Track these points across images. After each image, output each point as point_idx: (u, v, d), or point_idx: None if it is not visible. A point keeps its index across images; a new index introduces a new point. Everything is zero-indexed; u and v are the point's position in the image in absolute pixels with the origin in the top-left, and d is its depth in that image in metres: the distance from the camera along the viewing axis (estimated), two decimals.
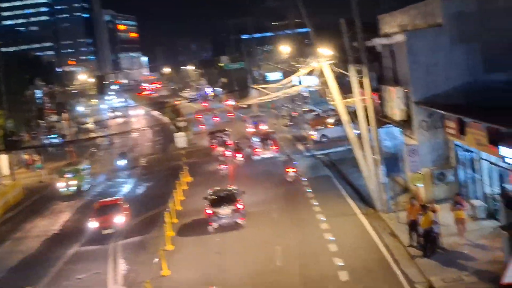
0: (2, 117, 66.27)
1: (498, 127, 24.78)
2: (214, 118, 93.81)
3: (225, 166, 53.54)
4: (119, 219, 38.68)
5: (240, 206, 36.10)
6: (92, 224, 38.35)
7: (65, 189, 54.36)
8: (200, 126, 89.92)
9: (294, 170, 46.96)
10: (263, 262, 28.98)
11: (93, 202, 44.75)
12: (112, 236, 37.51)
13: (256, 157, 58.10)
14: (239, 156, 57.17)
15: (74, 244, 37.46)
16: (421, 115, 33.68)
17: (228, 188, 39.04)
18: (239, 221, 35.98)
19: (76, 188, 54.50)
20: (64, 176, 54.97)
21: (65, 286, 30.29)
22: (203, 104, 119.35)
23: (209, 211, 36.07)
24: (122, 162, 65.61)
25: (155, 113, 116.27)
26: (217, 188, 39.48)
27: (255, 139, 60.21)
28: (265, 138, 59.38)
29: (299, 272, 27.05)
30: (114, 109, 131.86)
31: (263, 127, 68.63)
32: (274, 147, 58.22)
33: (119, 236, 37.48)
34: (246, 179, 49.25)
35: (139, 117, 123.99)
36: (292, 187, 44.08)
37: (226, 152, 58.80)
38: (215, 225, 35.87)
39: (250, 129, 69.37)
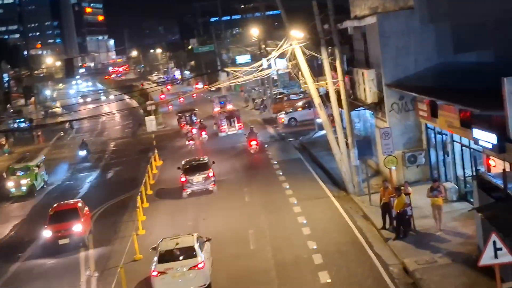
0: None
1: (471, 109, 24.88)
2: (180, 100, 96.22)
3: (193, 142, 58.14)
4: (78, 227, 32.67)
5: (211, 174, 39.93)
6: (46, 233, 32.74)
7: (15, 189, 47.26)
8: (168, 107, 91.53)
9: (256, 142, 51.35)
10: (237, 246, 28.89)
11: (49, 203, 39.65)
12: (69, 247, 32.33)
13: (222, 134, 62.71)
14: (204, 134, 61.14)
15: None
16: (393, 97, 33.77)
17: (200, 158, 43.02)
18: (210, 187, 39.63)
19: (28, 187, 47.18)
20: (15, 174, 47.82)
21: (36, 273, 29.95)
22: (167, 87, 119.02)
23: (183, 179, 39.80)
24: (83, 153, 60.28)
25: (125, 97, 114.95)
26: (190, 158, 43.32)
27: (221, 117, 63.90)
28: (230, 116, 63.82)
29: (272, 255, 27.02)
30: (83, 96, 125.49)
31: (230, 106, 71.83)
32: (238, 124, 63.11)
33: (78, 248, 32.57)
34: (214, 153, 51.76)
35: (110, 102, 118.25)
36: (263, 171, 43.99)
37: (193, 130, 62.36)
38: (188, 191, 39.49)
39: (217, 108, 72.17)
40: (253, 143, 51.24)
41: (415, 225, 27.24)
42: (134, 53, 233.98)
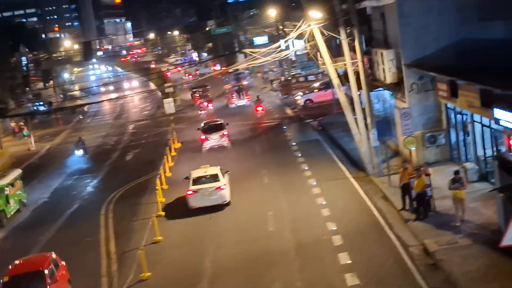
0: None
1: (491, 89, 24.63)
2: (189, 77, 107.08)
3: (204, 111, 68.02)
4: None
5: (225, 133, 48.50)
6: None
7: None
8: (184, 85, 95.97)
9: (262, 107, 61.85)
10: (256, 228, 28.90)
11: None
12: None
13: (232, 105, 70.52)
14: (210, 105, 71.61)
15: None
16: (412, 77, 33.47)
17: (216, 120, 52.08)
18: (225, 143, 47.98)
19: None
20: None
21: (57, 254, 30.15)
22: (177, 69, 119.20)
23: (203, 137, 48.35)
24: (79, 152, 54.47)
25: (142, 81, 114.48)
26: (207, 120, 52.73)
27: (231, 91, 72.07)
28: (239, 90, 71.90)
29: (292, 237, 26.99)
30: (105, 84, 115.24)
31: (245, 83, 78.28)
32: (247, 97, 70.92)
33: None
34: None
35: (133, 89, 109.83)
36: (282, 152, 43.92)
37: (204, 103, 71.90)
38: (207, 146, 47.91)
39: (229, 84, 78.34)
40: (259, 108, 61.83)
41: (435, 206, 27.10)
42: (152, 35, 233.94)
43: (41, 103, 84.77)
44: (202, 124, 50.54)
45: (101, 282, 25.58)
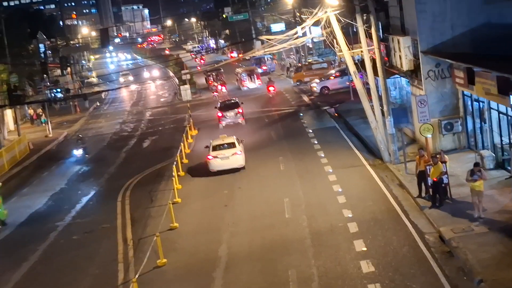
0: (5, 71, 65.92)
1: (508, 76, 24.50)
2: (201, 61, 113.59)
3: (217, 93, 71.82)
4: None
5: (240, 111, 52.26)
6: None
7: None
8: (197, 68, 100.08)
9: (274, 88, 66.68)
10: (272, 215, 28.94)
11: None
12: None
13: (244, 88, 74.40)
14: (224, 88, 74.87)
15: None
16: (429, 64, 33.36)
17: (232, 99, 56.69)
18: (240, 121, 52.00)
19: None
20: None
21: (74, 240, 30.41)
22: (201, 61, 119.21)
23: (219, 114, 52.33)
24: (78, 153, 49.72)
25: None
26: (224, 99, 57.94)
27: (243, 74, 75.84)
28: (251, 73, 75.77)
29: (308, 224, 27.02)
30: (124, 74, 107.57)
31: (265, 67, 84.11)
32: (258, 80, 74.46)
33: None
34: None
35: (155, 78, 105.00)
36: (298, 140, 43.90)
37: (218, 86, 75.44)
38: (223, 123, 51.74)
39: (241, 68, 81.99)
40: (271, 88, 66.73)
41: (451, 193, 27.06)
42: (169, 22, 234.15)
43: (59, 90, 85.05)
44: (219, 103, 55.00)
45: (118, 268, 25.72)
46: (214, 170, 37.34)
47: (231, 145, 38.14)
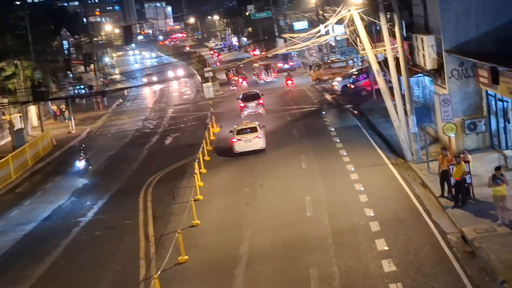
0: (29, 68, 66.40)
1: None
2: (218, 57, 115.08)
3: (236, 87, 74.38)
4: None
5: (261, 101, 56.18)
6: None
7: None
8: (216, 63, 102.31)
9: (292, 81, 70.68)
10: (293, 213, 28.93)
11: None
12: None
13: (261, 81, 78.56)
14: (244, 82, 78.37)
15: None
16: (452, 63, 33.16)
17: (253, 90, 60.54)
18: (261, 111, 55.58)
19: None
20: None
21: (96, 236, 30.60)
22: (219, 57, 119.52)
23: (242, 104, 56.16)
24: (80, 164, 44.79)
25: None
26: (246, 91, 62.53)
27: (260, 68, 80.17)
28: (267, 68, 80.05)
29: (329, 222, 26.98)
30: (148, 74, 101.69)
31: (292, 63, 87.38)
32: (274, 74, 79.53)
33: None
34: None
35: (179, 78, 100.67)
36: (320, 138, 43.84)
37: (239, 79, 79.04)
38: (245, 113, 55.25)
39: (258, 63, 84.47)
40: (289, 82, 70.60)
41: (474, 193, 26.90)
42: (192, 20, 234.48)
43: (82, 86, 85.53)
44: (241, 95, 58.96)
45: (140, 264, 25.83)
46: (238, 151, 41.65)
47: (253, 130, 42.26)
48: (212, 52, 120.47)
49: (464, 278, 20.46)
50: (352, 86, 59.57)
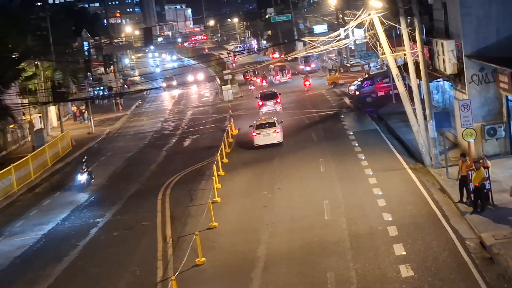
0: (50, 68, 66.83)
1: None
2: (234, 59, 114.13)
3: (253, 87, 78.11)
4: None
5: (278, 100, 59.64)
6: None
7: None
8: (232, 65, 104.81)
9: (309, 82, 74.04)
10: (311, 217, 28.90)
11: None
12: None
13: (275, 82, 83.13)
14: (264, 81, 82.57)
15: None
16: (473, 68, 33.01)
17: (270, 90, 64.40)
18: (278, 109, 58.54)
19: None
20: None
21: (114, 237, 30.73)
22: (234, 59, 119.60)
23: (260, 103, 59.63)
24: (82, 178, 41.42)
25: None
26: (264, 90, 66.94)
27: (276, 69, 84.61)
28: (282, 69, 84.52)
29: (347, 226, 26.94)
30: (167, 78, 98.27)
31: (313, 65, 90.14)
32: (288, 75, 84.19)
33: None
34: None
35: (199, 82, 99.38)
36: (339, 142, 43.79)
37: (256, 80, 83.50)
38: (263, 110, 58.19)
39: (273, 64, 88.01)
40: (307, 83, 73.84)
41: (493, 199, 26.76)
42: (212, 22, 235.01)
43: (102, 87, 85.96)
44: (259, 94, 62.44)
45: (157, 265, 25.91)
46: (258, 145, 44.81)
47: (272, 124, 45.51)
48: (228, 53, 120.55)
49: (482, 284, 20.36)
50: (357, 93, 59.39)
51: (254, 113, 57.97)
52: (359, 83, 60.78)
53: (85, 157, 44.61)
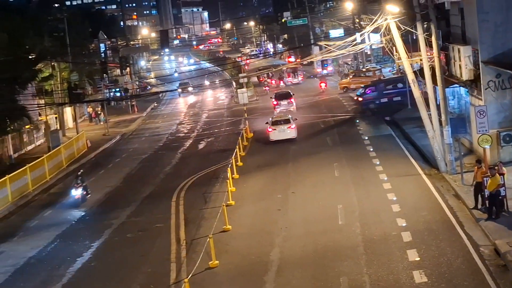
0: (66, 69, 67.17)
1: None
2: (247, 62, 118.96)
3: (268, 88, 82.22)
4: None
5: (292, 100, 62.68)
6: None
7: None
8: (245, 67, 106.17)
9: (325, 84, 76.24)
10: (325, 221, 28.86)
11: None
12: None
13: (288, 83, 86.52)
14: (281, 83, 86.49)
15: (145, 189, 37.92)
16: (489, 75, 32.90)
17: (285, 90, 69.29)
18: (292, 109, 60.65)
19: None
20: None
21: (128, 238, 30.80)
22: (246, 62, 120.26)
23: (275, 102, 62.79)
24: (77, 193, 38.14)
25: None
26: (278, 90, 70.62)
27: (288, 71, 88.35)
28: (294, 71, 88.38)
29: (361, 231, 26.88)
30: (182, 84, 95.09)
31: (330, 68, 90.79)
32: (301, 77, 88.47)
33: None
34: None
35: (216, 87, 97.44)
36: (353, 146, 43.72)
37: (272, 81, 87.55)
38: (278, 110, 60.34)
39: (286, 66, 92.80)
40: (323, 84, 76.27)
41: (508, 206, 26.63)
42: (228, 25, 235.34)
43: (118, 89, 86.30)
44: (274, 94, 65.81)
45: (170, 267, 25.95)
46: (273, 140, 47.95)
47: (287, 121, 48.83)
48: (240, 58, 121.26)
49: None
50: (360, 99, 59.19)
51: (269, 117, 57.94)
52: (362, 89, 60.48)
53: (81, 170, 41.36)
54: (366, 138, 45.84)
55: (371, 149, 41.86)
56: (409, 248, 24.27)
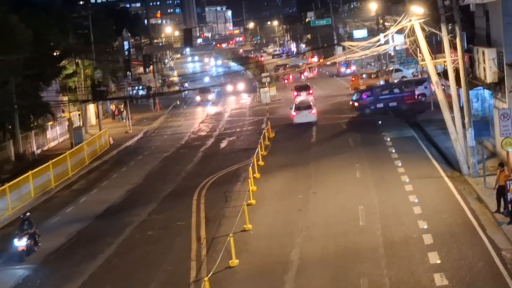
0: (90, 67, 67.52)
1: None
2: (261, 59, 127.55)
3: (287, 81, 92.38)
4: None
5: (311, 91, 71.09)
6: None
7: None
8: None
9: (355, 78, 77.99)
10: (346, 222, 28.80)
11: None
12: None
13: (302, 78, 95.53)
14: (305, 73, 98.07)
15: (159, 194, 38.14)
16: None
17: (304, 83, 78.25)
18: (310, 99, 63.46)
19: None
20: None
21: (149, 236, 30.89)
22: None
23: (295, 93, 70.71)
24: (20, 243, 28.83)
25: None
26: (298, 83, 78.42)
27: (304, 67, 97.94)
28: (309, 66, 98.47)
29: (382, 233, 26.79)
30: (203, 91, 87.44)
31: (353, 67, 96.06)
32: (315, 72, 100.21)
33: None
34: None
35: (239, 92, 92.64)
36: (375, 148, 43.57)
37: (289, 76, 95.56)
38: (298, 100, 64.23)
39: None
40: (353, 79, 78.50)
41: None
42: (251, 24, 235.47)
43: (141, 87, 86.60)
44: (295, 86, 74.47)
45: (190, 265, 26.00)
46: (297, 123, 55.00)
47: (308, 107, 56.53)
48: (261, 58, 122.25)
49: None
50: (356, 104, 58.82)
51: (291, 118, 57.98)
52: (358, 94, 60.05)
53: (27, 213, 31.29)
54: (388, 139, 45.68)
55: (393, 151, 41.71)
56: (430, 251, 24.15)
